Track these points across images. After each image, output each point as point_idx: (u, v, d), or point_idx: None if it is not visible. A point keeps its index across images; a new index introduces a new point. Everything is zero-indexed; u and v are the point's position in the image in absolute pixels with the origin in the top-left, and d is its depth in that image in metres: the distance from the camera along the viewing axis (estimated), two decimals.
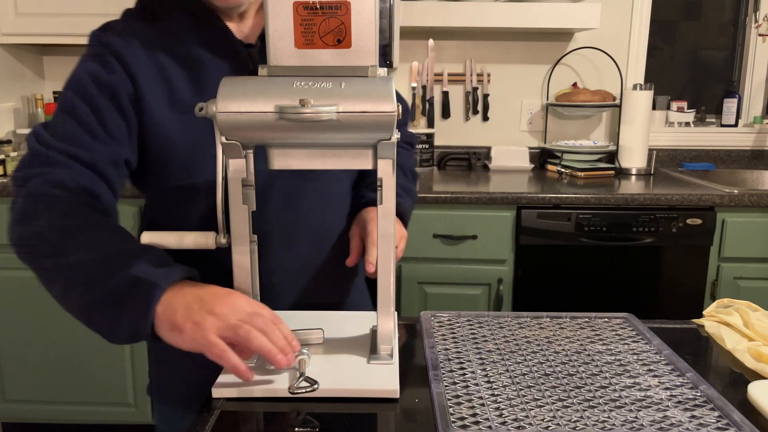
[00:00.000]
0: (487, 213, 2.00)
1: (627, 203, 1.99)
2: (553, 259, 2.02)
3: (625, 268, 2.03)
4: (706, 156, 2.67)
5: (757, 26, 2.63)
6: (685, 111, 2.65)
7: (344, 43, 0.74)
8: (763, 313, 0.96)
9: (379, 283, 0.82)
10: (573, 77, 2.60)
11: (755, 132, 2.65)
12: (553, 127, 2.64)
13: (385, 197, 0.78)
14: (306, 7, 0.72)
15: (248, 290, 0.82)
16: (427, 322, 0.97)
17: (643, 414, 0.71)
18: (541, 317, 0.99)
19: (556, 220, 1.99)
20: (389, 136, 0.73)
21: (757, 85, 2.67)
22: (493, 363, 0.83)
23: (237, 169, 0.78)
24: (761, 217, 2.02)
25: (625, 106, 2.44)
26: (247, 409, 0.74)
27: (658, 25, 2.66)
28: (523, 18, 2.25)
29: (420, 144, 2.47)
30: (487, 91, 2.60)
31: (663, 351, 0.87)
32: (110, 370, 2.12)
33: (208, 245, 0.79)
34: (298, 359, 0.76)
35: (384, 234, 0.80)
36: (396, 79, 2.58)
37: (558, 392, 0.75)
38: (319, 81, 0.72)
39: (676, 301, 2.06)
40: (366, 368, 0.80)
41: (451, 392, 0.75)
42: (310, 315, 0.98)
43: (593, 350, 0.88)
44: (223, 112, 0.71)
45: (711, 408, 0.72)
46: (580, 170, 2.33)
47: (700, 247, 2.03)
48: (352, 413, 0.73)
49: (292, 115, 0.70)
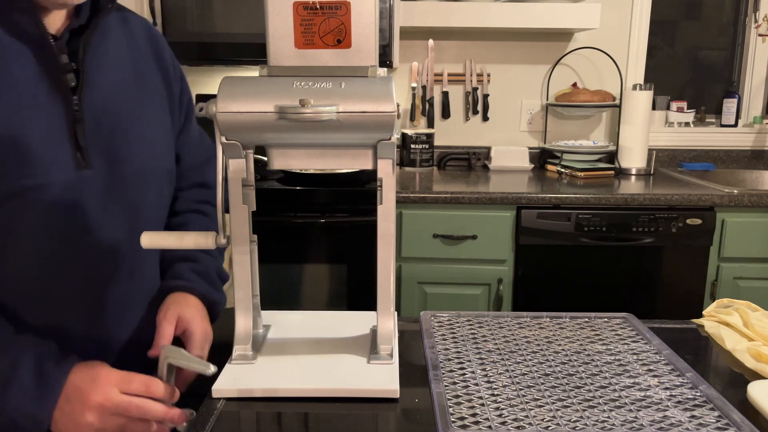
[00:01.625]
0: (487, 213, 2.00)
1: (627, 203, 1.99)
2: (553, 259, 2.02)
3: (625, 268, 2.03)
4: (706, 156, 2.67)
5: (756, 26, 2.63)
6: (685, 111, 2.65)
7: (344, 43, 0.74)
8: (762, 313, 0.96)
9: (379, 283, 0.82)
10: (573, 77, 2.60)
11: (755, 132, 2.65)
12: (553, 127, 2.64)
13: (385, 197, 0.78)
14: (306, 7, 0.72)
15: (248, 290, 0.82)
16: (427, 322, 0.97)
17: (643, 414, 0.71)
18: (541, 317, 0.99)
19: (556, 220, 1.99)
20: (389, 136, 0.73)
21: (756, 85, 2.67)
22: (493, 363, 0.83)
23: (237, 169, 0.78)
24: (761, 217, 2.02)
25: (625, 106, 2.44)
26: (247, 409, 0.74)
27: (658, 25, 2.66)
28: (523, 18, 2.25)
29: (420, 144, 2.47)
30: (487, 91, 2.60)
31: (663, 351, 0.87)
32: None
33: (208, 245, 0.79)
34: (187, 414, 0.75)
35: (384, 234, 0.80)
36: (396, 79, 2.58)
37: (558, 392, 0.75)
38: (319, 81, 0.72)
39: (676, 301, 2.06)
40: (366, 368, 0.80)
41: (451, 392, 0.75)
42: (311, 315, 0.99)
43: (593, 350, 0.88)
44: (223, 112, 0.71)
45: (711, 408, 0.72)
46: (580, 170, 2.33)
47: (700, 247, 2.03)
48: (352, 413, 0.73)
49: (292, 115, 0.70)
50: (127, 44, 0.91)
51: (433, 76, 2.57)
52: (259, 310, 0.90)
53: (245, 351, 0.82)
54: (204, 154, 1.10)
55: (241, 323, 0.83)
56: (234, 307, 0.83)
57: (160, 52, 0.97)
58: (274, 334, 0.91)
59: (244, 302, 0.83)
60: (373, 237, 1.00)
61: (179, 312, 0.86)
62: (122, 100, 0.87)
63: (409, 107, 2.61)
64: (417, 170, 2.46)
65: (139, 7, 2.15)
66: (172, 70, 0.99)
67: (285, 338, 0.90)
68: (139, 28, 0.95)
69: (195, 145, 1.08)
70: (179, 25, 2.09)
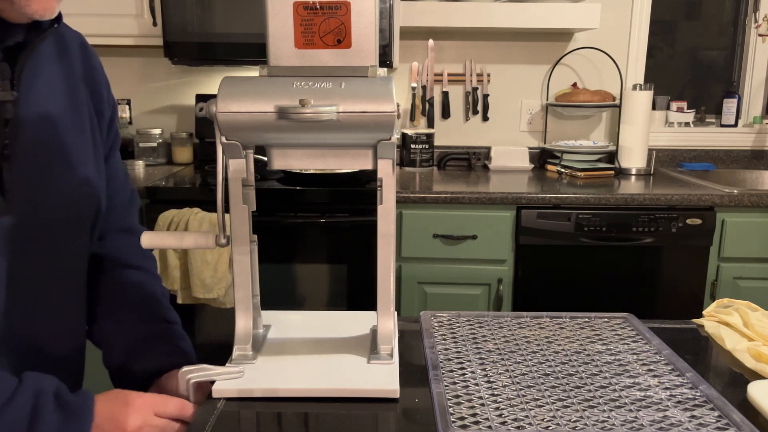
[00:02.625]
0: (487, 213, 2.00)
1: (627, 203, 1.99)
2: (553, 259, 2.02)
3: (625, 268, 2.03)
4: (706, 156, 2.67)
5: (756, 26, 2.63)
6: (685, 111, 2.65)
7: (344, 43, 0.74)
8: (762, 313, 0.96)
9: (379, 283, 0.82)
10: (573, 77, 2.60)
11: (755, 132, 2.65)
12: (553, 127, 2.64)
13: (385, 197, 0.78)
14: (306, 7, 0.72)
15: (248, 290, 0.82)
16: (427, 322, 0.97)
17: (643, 414, 0.71)
18: (541, 317, 0.99)
19: (556, 220, 1.99)
20: (389, 136, 0.73)
21: (756, 85, 2.67)
22: (493, 363, 0.83)
23: (237, 169, 0.78)
24: (761, 217, 2.02)
25: (625, 106, 2.45)
26: (247, 409, 0.74)
27: (658, 25, 2.66)
28: (523, 18, 2.25)
29: (420, 144, 2.47)
30: (487, 91, 2.60)
31: (663, 351, 0.87)
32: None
33: (208, 245, 0.79)
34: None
35: (384, 234, 0.80)
36: (396, 79, 2.58)
37: (558, 392, 0.75)
38: (319, 81, 0.72)
39: (676, 301, 2.06)
40: (366, 368, 0.80)
41: (451, 392, 0.75)
42: (311, 315, 0.99)
43: (593, 350, 0.88)
44: (223, 112, 0.71)
45: (711, 408, 0.72)
46: (579, 170, 2.33)
47: (700, 247, 2.03)
48: (352, 413, 0.73)
49: (292, 115, 0.70)
50: (62, 68, 0.82)
51: (433, 76, 2.57)
52: (259, 310, 0.90)
53: (245, 351, 0.82)
54: (129, 189, 1.00)
55: (241, 323, 0.83)
56: (234, 307, 0.83)
57: (94, 76, 0.88)
58: (274, 334, 0.91)
59: (244, 302, 0.83)
60: (373, 237, 1.00)
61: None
62: (54, 136, 0.78)
63: (409, 107, 2.61)
64: (417, 170, 2.46)
65: (139, 7, 2.16)
66: (105, 92, 0.90)
67: (285, 338, 0.90)
68: (74, 43, 0.86)
69: (122, 180, 0.97)
70: (179, 25, 2.09)
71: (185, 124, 2.62)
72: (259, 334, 0.90)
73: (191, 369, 0.76)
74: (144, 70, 2.57)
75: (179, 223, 1.88)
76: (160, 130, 2.51)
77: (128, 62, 2.56)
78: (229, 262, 1.88)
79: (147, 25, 2.16)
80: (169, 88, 2.60)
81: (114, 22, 2.15)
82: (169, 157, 2.55)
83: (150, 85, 2.59)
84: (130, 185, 1.00)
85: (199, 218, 1.88)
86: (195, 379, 0.76)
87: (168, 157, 2.55)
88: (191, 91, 2.59)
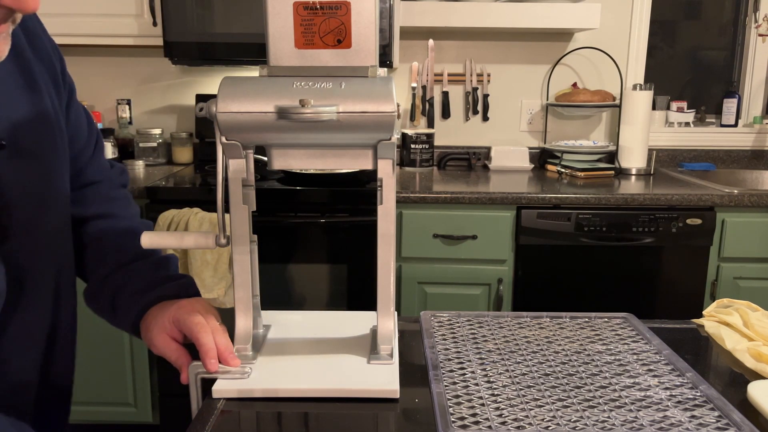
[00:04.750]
0: (487, 213, 2.00)
1: (627, 203, 1.99)
2: (553, 259, 2.02)
3: (625, 268, 2.03)
4: (706, 156, 2.67)
5: (757, 26, 2.63)
6: (685, 111, 2.65)
7: (344, 43, 0.74)
8: (762, 313, 0.96)
9: (379, 283, 0.82)
10: (573, 77, 2.60)
11: (755, 132, 2.65)
12: (553, 127, 2.64)
13: (385, 197, 0.78)
14: (306, 7, 0.72)
15: (248, 290, 0.82)
16: (427, 322, 0.97)
17: (643, 414, 0.71)
18: (541, 317, 0.99)
19: (556, 220, 1.99)
20: (389, 136, 0.73)
21: (756, 85, 2.67)
22: (493, 363, 0.83)
23: (237, 169, 0.78)
24: (761, 217, 2.02)
25: (625, 106, 2.45)
26: (247, 409, 0.74)
27: (658, 25, 2.66)
28: (523, 18, 2.26)
29: (420, 144, 2.47)
30: (487, 91, 2.60)
31: (663, 351, 0.87)
32: (110, 370, 2.12)
33: (208, 245, 0.79)
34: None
35: (384, 234, 0.80)
36: (396, 79, 2.58)
37: (558, 392, 0.75)
38: (319, 81, 0.72)
39: (676, 301, 2.06)
40: (366, 368, 0.80)
41: (451, 392, 0.75)
42: (311, 315, 0.99)
43: (593, 350, 0.88)
44: (223, 113, 0.71)
45: (711, 408, 0.72)
46: (580, 170, 2.33)
47: (700, 247, 2.03)
48: (352, 413, 0.73)
49: (292, 115, 0.70)
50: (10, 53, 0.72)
51: (433, 76, 2.57)
52: (259, 310, 0.90)
53: (245, 351, 0.82)
54: (85, 135, 0.91)
55: (241, 323, 0.83)
56: (234, 307, 0.83)
57: (36, 43, 0.79)
58: (274, 334, 0.91)
59: (244, 302, 0.83)
60: (373, 237, 1.00)
61: (175, 326, 0.80)
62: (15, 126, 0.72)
63: (409, 107, 2.61)
64: (417, 170, 2.46)
65: (139, 7, 2.16)
66: (51, 51, 0.82)
67: (285, 338, 0.90)
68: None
69: (83, 128, 0.90)
70: (179, 25, 2.09)
71: (185, 124, 2.62)
72: (259, 334, 0.90)
73: (200, 364, 0.77)
74: (144, 70, 2.57)
75: (179, 223, 1.88)
76: (160, 130, 2.51)
77: (128, 62, 2.56)
78: (229, 262, 1.88)
79: (147, 25, 2.16)
80: (169, 88, 2.60)
81: (114, 22, 2.15)
82: (169, 157, 2.55)
83: (150, 85, 2.59)
84: (95, 128, 0.93)
85: (199, 218, 1.88)
86: (203, 375, 0.76)
87: (168, 157, 2.55)
88: (191, 91, 2.59)
